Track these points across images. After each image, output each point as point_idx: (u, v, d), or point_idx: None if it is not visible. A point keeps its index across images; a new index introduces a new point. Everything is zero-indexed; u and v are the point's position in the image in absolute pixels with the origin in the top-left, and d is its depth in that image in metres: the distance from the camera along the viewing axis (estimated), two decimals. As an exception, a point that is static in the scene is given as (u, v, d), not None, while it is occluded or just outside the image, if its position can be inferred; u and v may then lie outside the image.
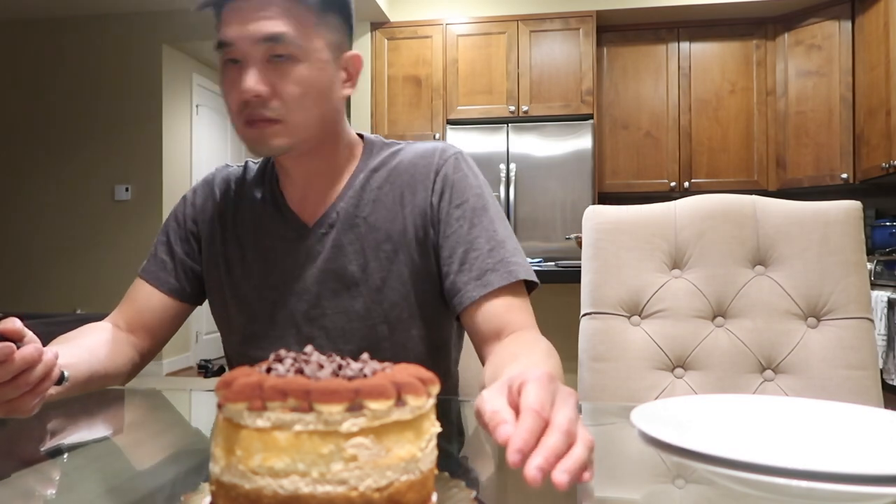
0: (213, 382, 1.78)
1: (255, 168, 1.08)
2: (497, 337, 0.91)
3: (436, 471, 0.47)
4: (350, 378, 0.43)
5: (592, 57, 4.46)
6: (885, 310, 3.10)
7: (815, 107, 4.38)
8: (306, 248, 0.99)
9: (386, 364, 0.47)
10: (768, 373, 1.19)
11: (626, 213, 1.28)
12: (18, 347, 0.65)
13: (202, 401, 1.03)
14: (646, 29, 4.68)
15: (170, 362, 5.07)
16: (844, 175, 4.24)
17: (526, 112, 4.50)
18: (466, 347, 1.14)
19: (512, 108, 4.51)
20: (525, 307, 0.94)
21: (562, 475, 0.43)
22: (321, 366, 0.45)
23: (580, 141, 4.36)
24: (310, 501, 0.40)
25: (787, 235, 1.21)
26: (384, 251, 0.98)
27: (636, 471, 0.67)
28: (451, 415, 0.90)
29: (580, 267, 1.31)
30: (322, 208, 1.00)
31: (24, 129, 5.24)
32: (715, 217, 1.24)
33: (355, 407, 0.41)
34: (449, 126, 4.55)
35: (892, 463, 0.62)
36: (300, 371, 0.44)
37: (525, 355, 0.81)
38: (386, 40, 4.73)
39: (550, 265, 2.55)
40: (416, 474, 0.43)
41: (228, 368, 1.16)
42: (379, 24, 4.73)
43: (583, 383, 1.23)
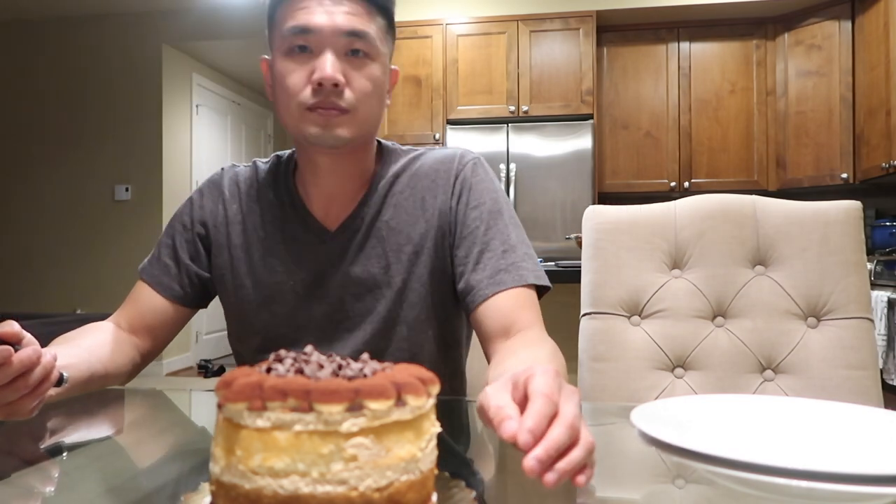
0: (213, 382, 1.78)
1: (266, 168, 1.06)
2: (505, 334, 0.91)
3: (436, 471, 0.47)
4: (350, 378, 0.43)
5: (592, 57, 4.46)
6: (885, 310, 3.10)
7: (815, 107, 4.38)
8: (328, 252, 1.00)
9: (386, 364, 0.47)
10: (768, 373, 1.20)
11: (626, 213, 1.28)
12: (16, 350, 0.65)
13: (202, 401, 1.03)
14: (646, 29, 4.68)
15: (170, 362, 5.08)
16: (844, 175, 4.24)
17: (526, 112, 4.50)
18: (471, 348, 1.15)
19: (512, 108, 4.51)
20: (534, 308, 0.95)
21: (551, 474, 0.43)
22: (321, 366, 0.45)
23: (580, 141, 4.36)
24: (310, 501, 0.40)
25: (787, 235, 1.21)
26: (405, 254, 0.99)
27: (636, 471, 0.67)
28: (460, 415, 0.90)
29: (580, 267, 1.31)
30: (345, 213, 1.01)
31: (25, 129, 5.24)
32: (715, 217, 1.24)
33: (355, 407, 0.41)
34: (449, 126, 4.54)
35: (892, 463, 0.62)
36: (300, 371, 0.44)
37: (530, 354, 0.82)
38: (386, 40, 4.73)
39: (550, 265, 2.55)
40: (416, 474, 0.43)
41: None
42: (379, 24, 4.72)
43: (583, 383, 1.23)
